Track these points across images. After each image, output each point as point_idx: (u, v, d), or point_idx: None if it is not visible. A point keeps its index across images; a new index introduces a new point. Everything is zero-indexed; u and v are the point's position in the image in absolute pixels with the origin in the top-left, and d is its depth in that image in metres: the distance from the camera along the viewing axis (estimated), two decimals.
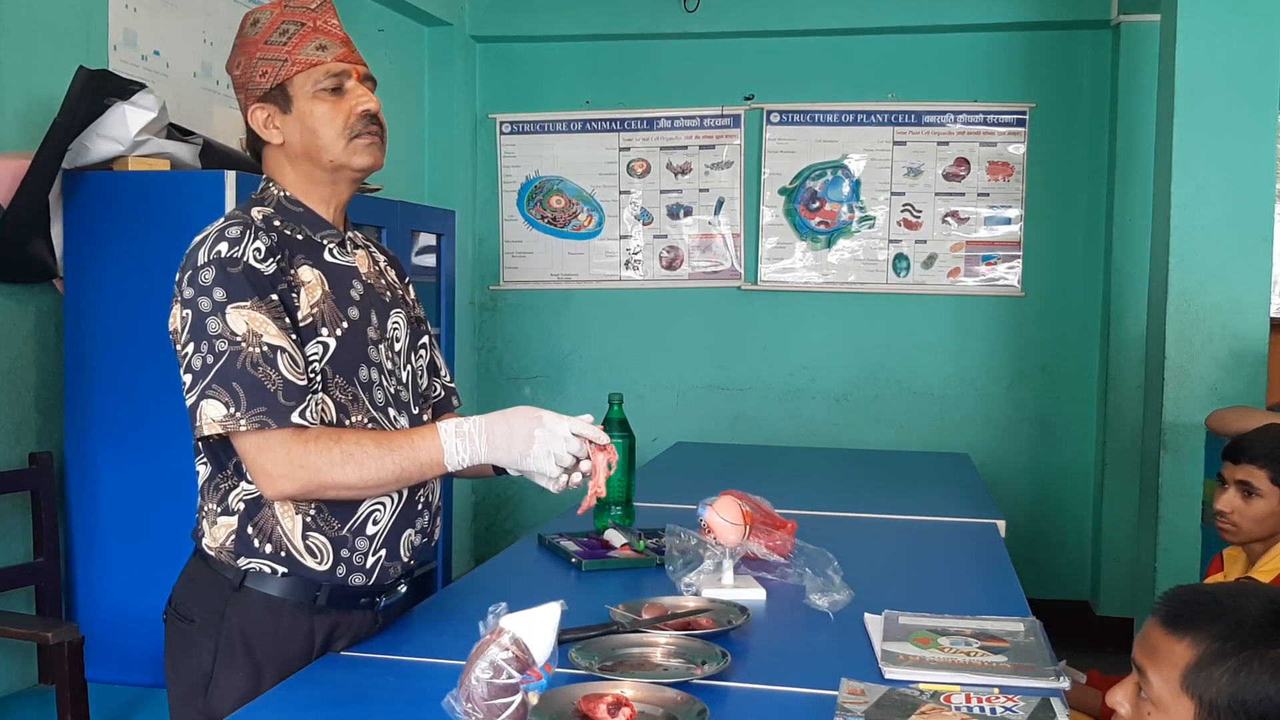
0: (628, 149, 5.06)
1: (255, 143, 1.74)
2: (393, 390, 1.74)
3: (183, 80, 3.30)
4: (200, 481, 1.69)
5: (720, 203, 5.01)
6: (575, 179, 5.11)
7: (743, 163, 4.99)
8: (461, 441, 1.62)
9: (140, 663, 2.63)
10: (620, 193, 5.08)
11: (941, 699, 1.48)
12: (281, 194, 1.71)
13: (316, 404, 1.61)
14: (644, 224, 5.07)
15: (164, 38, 3.22)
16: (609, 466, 1.67)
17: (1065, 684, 1.57)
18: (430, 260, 3.92)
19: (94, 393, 2.72)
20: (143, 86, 2.74)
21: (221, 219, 1.66)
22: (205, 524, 1.67)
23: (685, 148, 5.03)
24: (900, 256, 4.90)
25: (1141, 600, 3.91)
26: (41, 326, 2.81)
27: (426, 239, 3.90)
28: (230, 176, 2.63)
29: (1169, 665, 1.25)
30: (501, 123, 5.14)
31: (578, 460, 1.63)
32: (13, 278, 2.72)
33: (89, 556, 2.74)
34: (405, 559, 1.74)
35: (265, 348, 1.56)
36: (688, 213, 5.04)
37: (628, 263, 5.09)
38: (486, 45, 5.15)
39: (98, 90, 2.64)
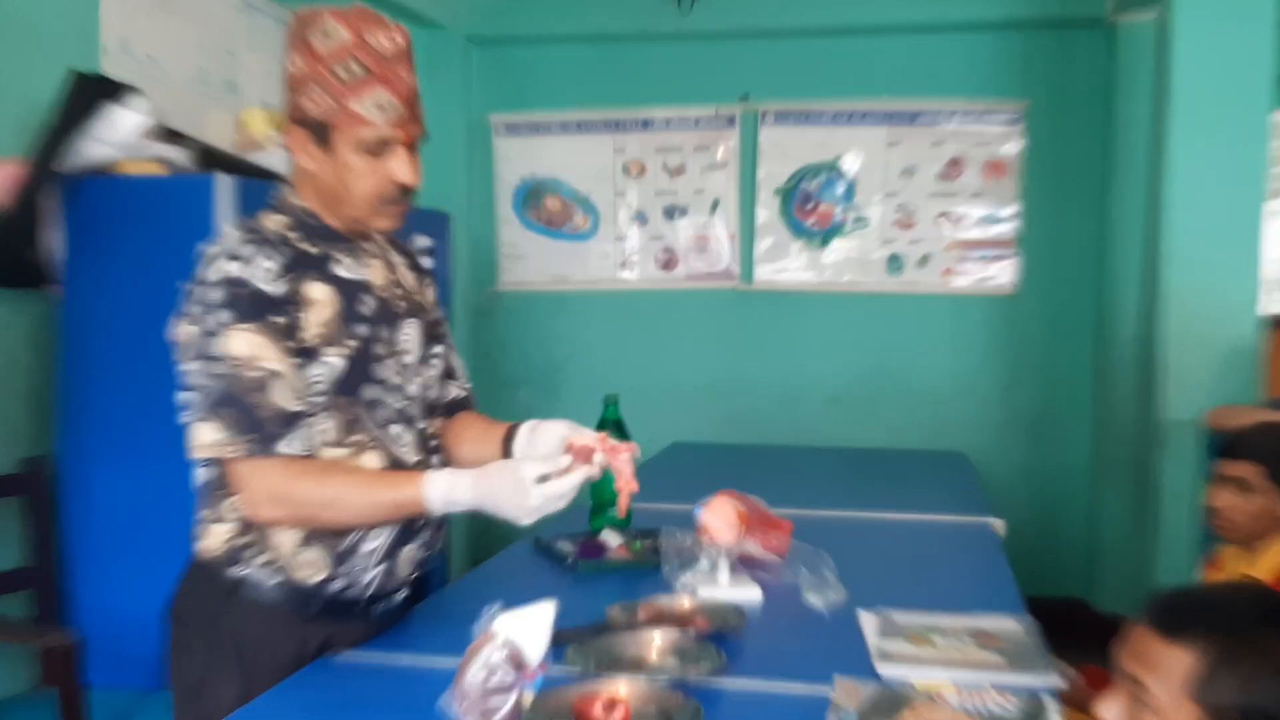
0: (623, 150, 5.06)
1: None
2: (398, 406, 1.72)
3: (177, 85, 3.30)
4: (200, 486, 1.69)
5: (715, 203, 5.02)
6: (571, 180, 5.11)
7: (738, 163, 4.99)
8: (448, 483, 1.60)
9: (138, 666, 2.62)
10: (615, 194, 5.08)
11: (935, 696, 1.48)
12: (299, 206, 1.69)
13: (311, 431, 1.60)
14: (639, 225, 5.07)
15: (158, 43, 3.22)
16: (632, 460, 1.69)
17: (1059, 682, 1.57)
18: (425, 263, 3.91)
19: (89, 397, 2.72)
20: (134, 90, 2.74)
21: (236, 230, 1.63)
22: (203, 529, 1.68)
23: (680, 149, 5.03)
24: (894, 256, 4.90)
25: (1137, 599, 3.91)
26: (35, 332, 2.81)
27: (422, 242, 3.89)
28: (224, 180, 2.63)
29: (1170, 675, 1.24)
30: (497, 124, 5.14)
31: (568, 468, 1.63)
32: (10, 283, 2.71)
33: (86, 561, 2.74)
34: (405, 574, 1.74)
35: (264, 373, 1.55)
36: (683, 214, 5.04)
37: (623, 264, 5.09)
38: (482, 47, 5.15)
39: (90, 94, 2.64)
